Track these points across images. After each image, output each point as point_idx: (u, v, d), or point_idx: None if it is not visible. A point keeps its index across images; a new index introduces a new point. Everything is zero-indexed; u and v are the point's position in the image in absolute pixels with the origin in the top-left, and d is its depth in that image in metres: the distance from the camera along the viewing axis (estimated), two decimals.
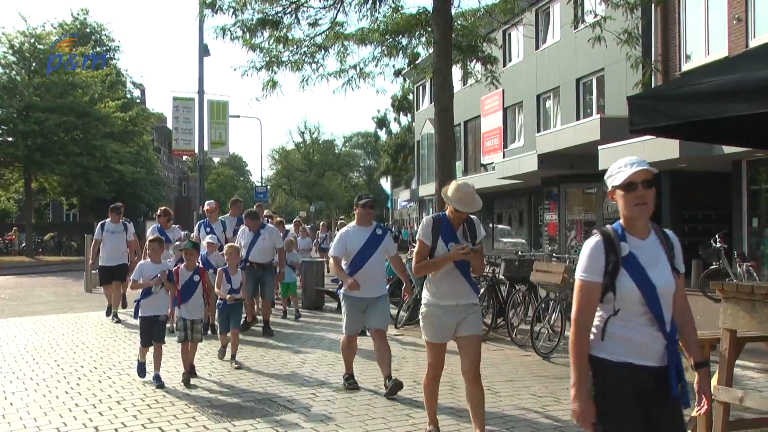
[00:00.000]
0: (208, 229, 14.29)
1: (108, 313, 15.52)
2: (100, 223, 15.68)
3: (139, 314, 9.67)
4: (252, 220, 13.64)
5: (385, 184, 70.15)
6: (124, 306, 16.40)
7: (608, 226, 3.97)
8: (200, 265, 10.21)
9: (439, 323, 6.55)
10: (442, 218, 6.64)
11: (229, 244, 11.92)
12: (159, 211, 15.70)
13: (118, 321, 14.94)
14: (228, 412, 7.94)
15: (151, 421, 7.59)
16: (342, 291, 9.02)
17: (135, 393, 8.86)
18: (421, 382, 7.17)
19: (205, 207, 15.26)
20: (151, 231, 14.48)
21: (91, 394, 8.81)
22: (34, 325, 14.82)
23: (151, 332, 9.52)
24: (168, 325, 10.73)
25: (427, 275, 6.66)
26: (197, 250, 10.43)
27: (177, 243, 13.94)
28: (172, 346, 11.02)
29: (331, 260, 9.07)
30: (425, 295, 6.68)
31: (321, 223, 33.87)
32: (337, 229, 16.31)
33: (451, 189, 6.54)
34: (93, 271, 19.37)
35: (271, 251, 13.66)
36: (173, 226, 15.46)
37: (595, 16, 15.48)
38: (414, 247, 6.94)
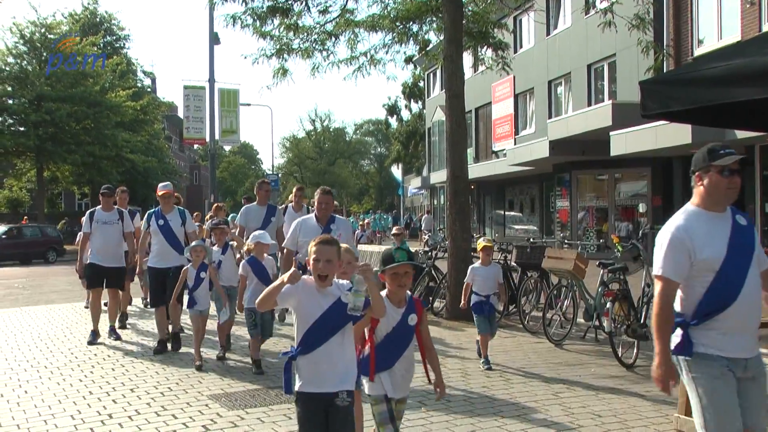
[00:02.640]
0: (161, 222, 10.97)
1: (92, 339, 11.53)
2: (89, 212, 12.10)
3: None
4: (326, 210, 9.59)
5: (396, 171, 70.09)
6: (122, 322, 13.01)
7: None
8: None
9: None
10: None
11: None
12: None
13: (118, 338, 11.80)
14: (241, 399, 7.97)
15: (165, 409, 7.63)
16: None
17: (148, 381, 8.90)
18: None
19: (159, 192, 11.26)
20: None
21: (104, 382, 8.85)
22: (48, 313, 14.89)
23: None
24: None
25: None
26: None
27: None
28: (184, 337, 11.10)
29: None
30: None
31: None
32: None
33: None
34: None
35: None
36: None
37: (607, 0, 15.39)
38: (426, 235, 6.91)
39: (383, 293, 4.91)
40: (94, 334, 11.64)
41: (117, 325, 12.39)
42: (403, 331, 5.03)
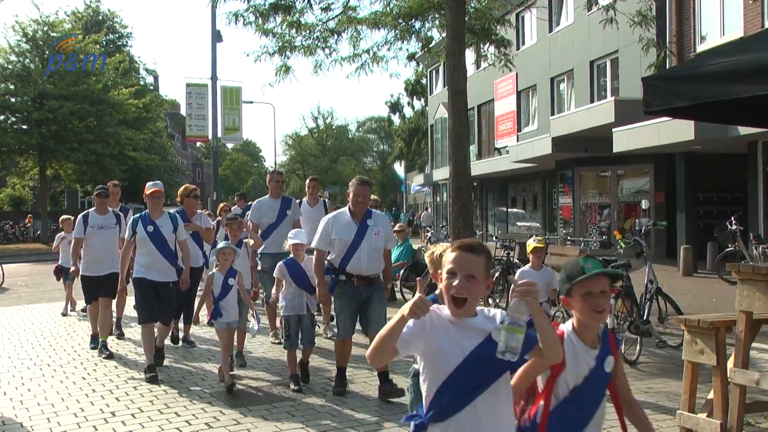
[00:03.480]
0: (150, 228, 9.26)
1: (94, 344, 10.92)
2: (81, 216, 10.76)
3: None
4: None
5: (399, 168, 70.02)
6: (118, 330, 11.95)
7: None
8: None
9: None
10: None
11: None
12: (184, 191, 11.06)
13: (110, 356, 10.29)
14: (244, 397, 7.98)
15: (167, 407, 7.64)
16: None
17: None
18: None
19: (147, 190, 9.57)
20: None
21: (107, 380, 8.87)
22: (51, 311, 14.91)
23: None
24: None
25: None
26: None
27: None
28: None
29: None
30: None
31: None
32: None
33: None
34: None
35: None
36: (199, 211, 11.07)
37: None
38: (429, 232, 6.88)
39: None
40: (95, 339, 10.89)
41: (114, 332, 11.43)
42: (598, 382, 3.55)
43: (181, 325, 11.15)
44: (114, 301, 11.21)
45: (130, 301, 10.83)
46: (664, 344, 10.55)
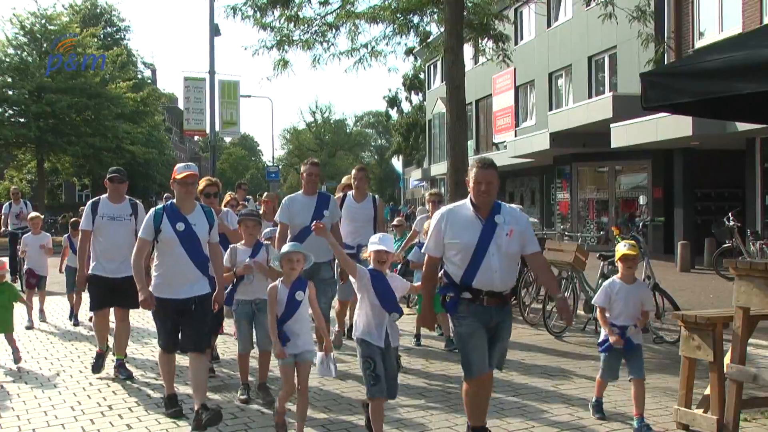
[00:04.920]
0: (181, 225, 6.93)
1: (97, 367, 8.89)
2: (90, 203, 8.90)
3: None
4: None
5: (397, 163, 69.97)
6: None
7: None
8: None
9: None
10: None
11: None
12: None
13: (129, 376, 8.64)
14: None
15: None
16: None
17: (148, 372, 8.90)
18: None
19: (180, 174, 7.08)
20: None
21: (104, 373, 8.85)
22: (48, 304, 14.86)
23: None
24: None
25: None
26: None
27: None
28: None
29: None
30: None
31: None
32: None
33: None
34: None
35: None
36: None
37: None
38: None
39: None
40: (101, 358, 8.92)
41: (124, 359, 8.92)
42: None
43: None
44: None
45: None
46: (662, 340, 10.57)
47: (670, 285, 13.76)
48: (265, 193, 14.21)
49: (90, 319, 11.24)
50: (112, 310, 9.01)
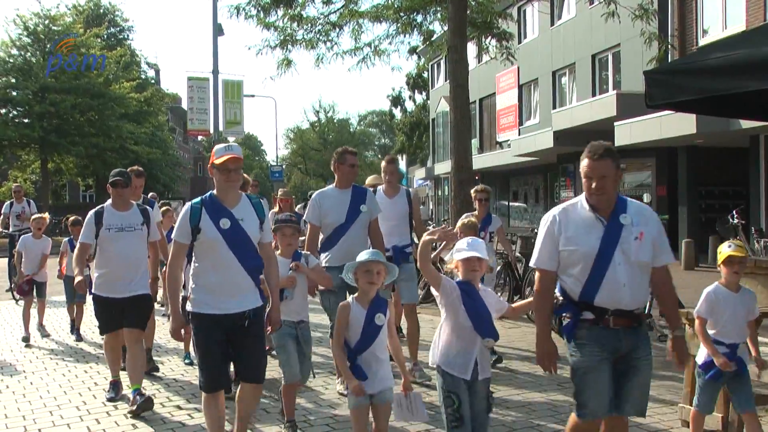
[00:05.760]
0: (226, 222, 5.50)
1: (113, 393, 7.71)
2: (93, 213, 7.56)
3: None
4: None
5: (401, 162, 70.04)
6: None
7: None
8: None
9: None
10: None
11: None
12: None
13: (148, 402, 7.19)
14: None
15: (170, 400, 7.65)
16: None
17: (155, 373, 8.89)
18: None
19: (220, 158, 5.56)
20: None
21: (110, 373, 8.85)
22: (52, 305, 14.88)
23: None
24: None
25: None
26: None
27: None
28: None
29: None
30: None
31: None
32: None
33: None
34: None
35: None
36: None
37: None
38: (430, 226, 6.44)
39: None
40: (116, 387, 7.81)
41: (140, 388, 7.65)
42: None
43: None
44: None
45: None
46: (666, 338, 10.55)
47: (675, 283, 13.72)
48: (281, 190, 13.21)
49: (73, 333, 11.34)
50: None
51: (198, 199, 5.66)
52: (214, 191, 5.64)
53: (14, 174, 53.05)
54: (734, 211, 18.55)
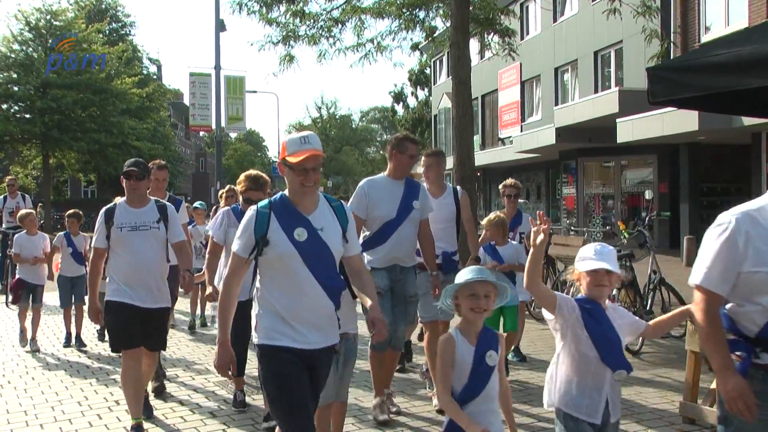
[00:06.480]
0: (303, 233, 4.27)
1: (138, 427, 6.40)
2: (104, 211, 6.49)
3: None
4: None
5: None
6: (34, 347, 9.96)
7: None
8: None
9: None
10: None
11: None
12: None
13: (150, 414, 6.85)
14: (247, 386, 7.97)
15: (172, 395, 7.65)
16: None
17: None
18: None
19: (296, 155, 4.33)
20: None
21: (111, 369, 8.88)
22: (56, 300, 14.87)
23: None
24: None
25: None
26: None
27: None
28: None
29: None
30: None
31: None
32: None
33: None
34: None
35: None
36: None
37: None
38: None
39: None
40: (148, 408, 6.92)
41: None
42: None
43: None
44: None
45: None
46: (667, 334, 10.56)
47: (676, 280, 13.71)
48: None
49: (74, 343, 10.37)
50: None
51: (265, 202, 4.44)
52: (285, 192, 4.49)
53: (15, 170, 53.14)
54: None
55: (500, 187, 9.86)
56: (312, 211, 4.37)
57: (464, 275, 4.10)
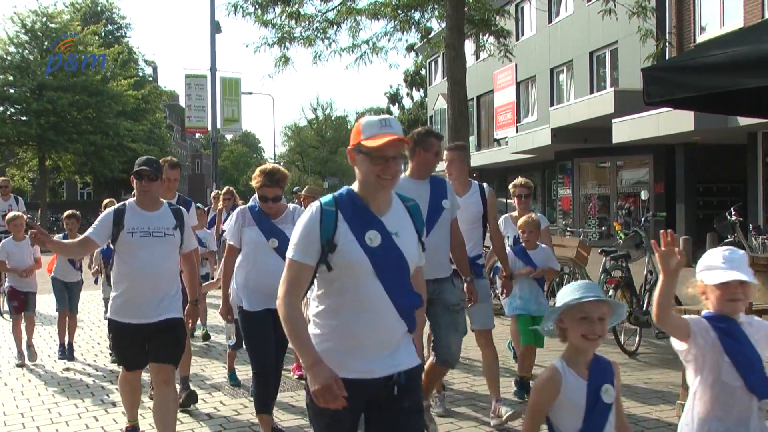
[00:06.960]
0: (376, 237, 3.46)
1: None
2: (113, 211, 5.85)
3: None
4: None
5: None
6: (29, 359, 9.46)
7: None
8: None
9: None
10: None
11: None
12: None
13: None
14: (245, 386, 7.97)
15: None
16: None
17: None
18: None
19: (375, 139, 3.45)
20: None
21: (108, 371, 8.87)
22: (52, 302, 14.83)
23: None
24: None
25: None
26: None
27: None
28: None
29: None
30: None
31: None
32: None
33: None
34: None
35: None
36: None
37: None
38: None
39: None
40: None
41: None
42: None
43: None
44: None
45: None
46: (664, 335, 10.56)
47: None
48: (307, 186, 12.27)
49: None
50: None
51: (329, 198, 3.60)
52: (353, 187, 3.65)
53: (11, 172, 53.08)
54: (732, 208, 18.56)
55: (510, 187, 9.26)
56: (385, 212, 3.57)
57: (572, 293, 3.33)
